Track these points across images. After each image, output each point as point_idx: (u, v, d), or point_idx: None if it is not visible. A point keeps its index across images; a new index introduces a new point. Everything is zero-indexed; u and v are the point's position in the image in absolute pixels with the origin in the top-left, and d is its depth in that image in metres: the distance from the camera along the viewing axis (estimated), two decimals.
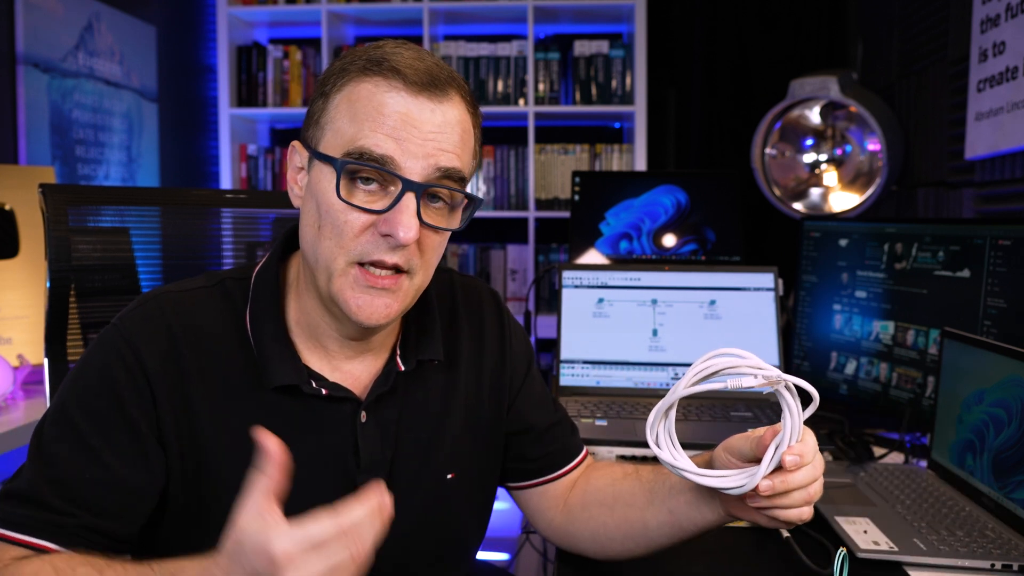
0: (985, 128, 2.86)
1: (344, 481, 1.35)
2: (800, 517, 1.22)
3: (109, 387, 1.26)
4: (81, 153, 3.81)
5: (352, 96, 1.24)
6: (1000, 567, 1.49)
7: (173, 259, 1.86)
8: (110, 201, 1.84)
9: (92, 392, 1.27)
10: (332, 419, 1.36)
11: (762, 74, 4.71)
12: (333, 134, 1.25)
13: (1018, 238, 1.94)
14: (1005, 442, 1.68)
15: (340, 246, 1.24)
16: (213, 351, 1.30)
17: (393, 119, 1.21)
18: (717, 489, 1.21)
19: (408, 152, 1.22)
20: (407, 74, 1.22)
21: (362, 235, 1.23)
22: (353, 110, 1.23)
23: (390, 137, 1.21)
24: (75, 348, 1.73)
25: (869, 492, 1.86)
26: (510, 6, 4.56)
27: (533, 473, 1.57)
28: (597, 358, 2.27)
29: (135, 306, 1.32)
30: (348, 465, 1.36)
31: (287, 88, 4.75)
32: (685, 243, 3.50)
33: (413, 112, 1.22)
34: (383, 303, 1.26)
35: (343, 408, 1.36)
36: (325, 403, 1.35)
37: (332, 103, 1.26)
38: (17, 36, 3.35)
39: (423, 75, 1.23)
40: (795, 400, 1.17)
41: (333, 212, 1.23)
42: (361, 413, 1.37)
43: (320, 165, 1.26)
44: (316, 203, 1.26)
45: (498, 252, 4.73)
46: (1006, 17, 2.73)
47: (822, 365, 2.58)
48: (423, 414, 1.45)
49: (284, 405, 1.33)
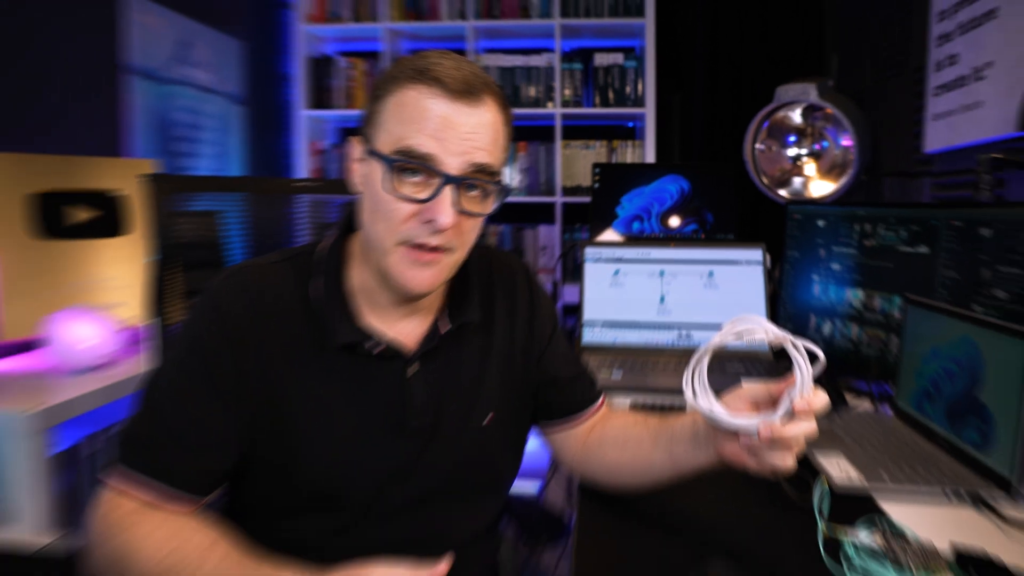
0: (941, 127, 2.85)
1: (396, 427, 1.36)
2: (785, 464, 1.21)
3: (201, 347, 1.27)
4: (179, 148, 3.84)
5: (400, 101, 1.25)
6: (953, 496, 1.48)
7: (255, 237, 1.87)
8: (203, 188, 1.84)
9: (188, 351, 1.28)
10: (386, 373, 1.37)
11: (753, 81, 4.68)
12: (384, 134, 1.26)
13: (968, 219, 1.93)
14: (957, 391, 1.67)
15: (389, 230, 1.26)
16: (286, 317, 1.32)
17: (435, 122, 1.23)
18: (739, 430, 1.21)
19: (447, 150, 1.23)
20: (447, 83, 1.23)
21: (408, 220, 1.26)
22: (401, 113, 1.24)
23: (432, 137, 1.22)
24: (172, 313, 1.74)
25: (843, 434, 1.86)
26: (540, 24, 4.55)
27: (558, 417, 1.58)
28: (614, 320, 2.26)
29: (223, 277, 1.33)
30: (399, 413, 1.37)
31: (352, 93, 4.76)
32: (688, 224, 3.49)
33: (452, 116, 1.23)
34: (428, 274, 1.29)
35: (395, 363, 1.38)
36: (380, 359, 1.36)
37: (384, 106, 1.27)
38: (126, 49, 3.36)
39: (460, 83, 1.24)
40: (803, 358, 1.17)
41: (384, 201, 1.25)
42: (410, 367, 1.38)
43: (374, 160, 1.27)
44: (371, 192, 1.28)
45: (530, 231, 4.73)
46: (958, 33, 2.72)
47: (803, 327, 2.57)
48: (463, 368, 1.46)
49: (345, 362, 1.34)
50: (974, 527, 1.39)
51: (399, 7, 4.66)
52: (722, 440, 1.30)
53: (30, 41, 2.83)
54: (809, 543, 1.31)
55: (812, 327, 2.53)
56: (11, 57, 2.73)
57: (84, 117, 3.15)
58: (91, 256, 2.90)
